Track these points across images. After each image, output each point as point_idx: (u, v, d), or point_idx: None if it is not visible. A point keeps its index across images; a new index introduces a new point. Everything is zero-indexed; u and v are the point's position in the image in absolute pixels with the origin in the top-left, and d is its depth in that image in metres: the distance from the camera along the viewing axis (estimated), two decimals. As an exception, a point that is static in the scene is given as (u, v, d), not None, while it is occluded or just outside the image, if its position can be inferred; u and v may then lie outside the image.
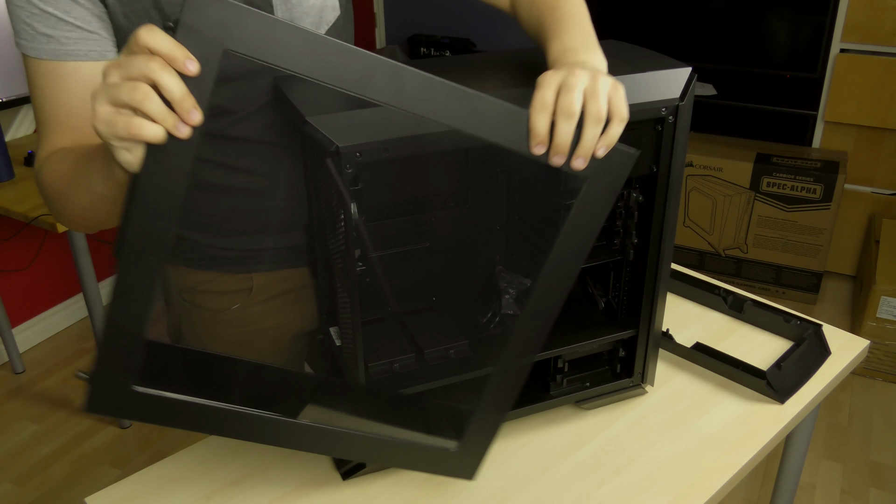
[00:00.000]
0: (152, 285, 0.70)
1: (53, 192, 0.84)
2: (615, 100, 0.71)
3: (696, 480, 0.96)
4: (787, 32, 2.79)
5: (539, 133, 0.70)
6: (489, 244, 1.09)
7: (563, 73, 0.72)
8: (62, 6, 0.80)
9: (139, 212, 0.65)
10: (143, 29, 0.59)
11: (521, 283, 1.05)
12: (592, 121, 0.70)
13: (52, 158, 0.84)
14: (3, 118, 2.32)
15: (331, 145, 0.75)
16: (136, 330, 0.71)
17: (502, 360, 0.81)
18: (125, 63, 0.60)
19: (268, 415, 0.80)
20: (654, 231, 0.95)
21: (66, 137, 0.84)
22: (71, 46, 0.82)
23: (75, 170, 0.80)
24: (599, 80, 0.71)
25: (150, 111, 0.60)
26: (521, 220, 1.06)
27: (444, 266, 1.08)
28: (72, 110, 0.84)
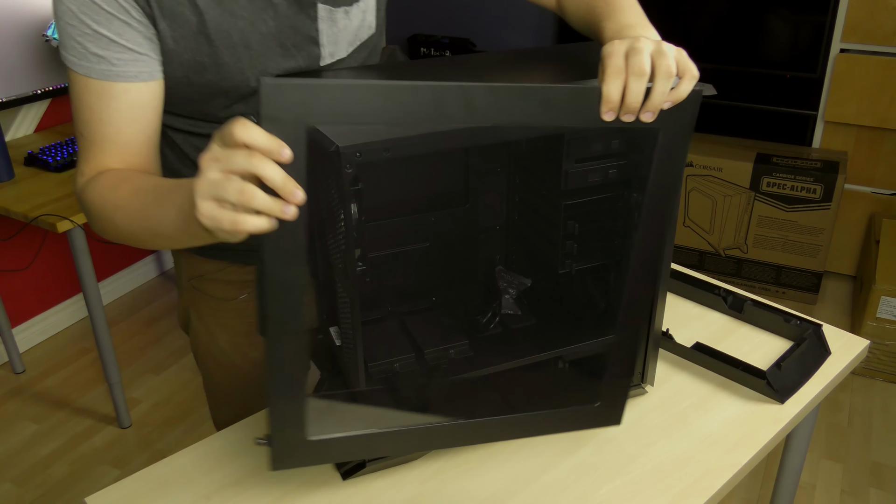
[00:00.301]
0: (303, 351, 0.74)
1: (99, 213, 0.85)
2: (681, 59, 0.73)
3: (696, 480, 0.96)
4: (787, 32, 2.79)
5: (613, 99, 0.71)
6: (489, 243, 1.09)
7: (628, 41, 0.73)
8: (115, 28, 0.81)
9: (272, 290, 0.69)
10: (238, 126, 0.61)
11: (522, 283, 1.05)
12: (663, 76, 0.71)
13: (100, 182, 0.85)
14: (3, 118, 2.32)
15: (331, 145, 0.75)
16: (297, 393, 0.76)
17: (620, 323, 0.84)
18: (224, 158, 0.62)
19: (426, 424, 0.85)
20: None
21: (113, 156, 0.85)
22: (122, 68, 0.82)
23: (133, 204, 0.80)
24: (664, 44, 0.73)
25: (257, 207, 0.62)
26: (521, 219, 1.06)
27: (444, 266, 1.08)
28: (120, 130, 0.85)
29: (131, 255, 2.98)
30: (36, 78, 2.21)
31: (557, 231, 1.00)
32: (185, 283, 1.13)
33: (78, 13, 0.79)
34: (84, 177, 0.87)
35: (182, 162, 1.00)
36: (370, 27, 0.99)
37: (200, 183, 0.64)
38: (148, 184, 0.81)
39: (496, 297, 1.05)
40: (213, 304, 1.11)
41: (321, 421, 0.80)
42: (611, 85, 0.70)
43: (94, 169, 0.86)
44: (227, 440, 1.03)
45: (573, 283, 1.06)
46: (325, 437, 0.80)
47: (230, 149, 0.62)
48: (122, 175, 0.84)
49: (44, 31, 2.21)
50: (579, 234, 1.00)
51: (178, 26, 0.83)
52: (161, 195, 0.77)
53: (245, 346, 1.13)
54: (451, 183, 1.04)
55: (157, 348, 2.65)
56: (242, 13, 0.85)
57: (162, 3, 0.81)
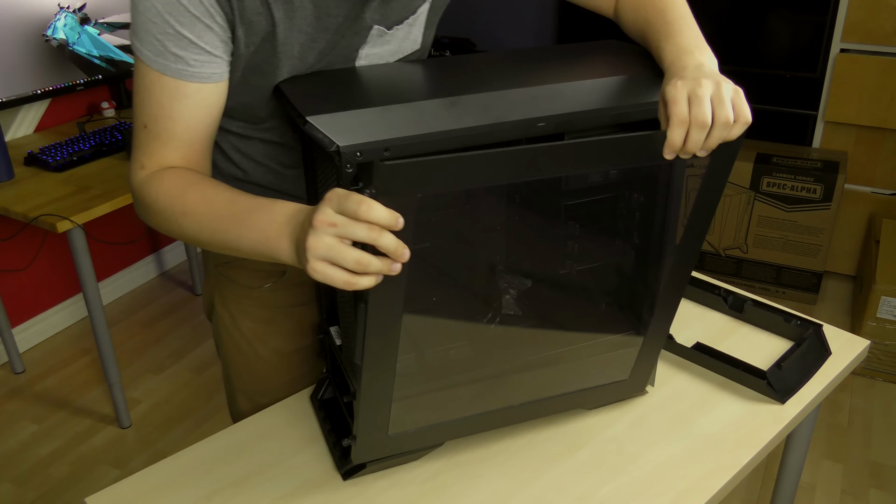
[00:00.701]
0: (391, 374, 0.84)
1: (162, 214, 0.87)
2: (738, 103, 0.79)
3: (696, 480, 0.96)
4: (787, 32, 2.79)
5: (676, 146, 0.79)
6: (489, 243, 1.09)
7: (689, 83, 0.79)
8: (197, 31, 0.82)
9: (373, 329, 0.77)
10: (364, 205, 0.68)
11: (522, 283, 1.05)
12: (721, 126, 0.78)
13: (165, 182, 0.87)
14: (3, 118, 2.32)
15: (331, 145, 0.75)
16: (384, 407, 0.87)
17: (652, 325, 0.96)
18: (342, 226, 0.69)
19: (485, 411, 0.96)
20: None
21: (176, 151, 0.88)
22: (197, 69, 0.84)
23: (204, 214, 0.84)
24: (723, 87, 0.78)
25: (372, 272, 0.70)
26: (521, 219, 1.06)
27: (444, 266, 1.08)
28: (188, 127, 0.87)
29: (131, 255, 2.98)
30: (36, 78, 2.21)
31: (557, 231, 1.00)
32: (211, 269, 1.14)
33: (163, 12, 0.81)
34: (145, 170, 0.89)
35: (215, 154, 1.03)
36: (415, 42, 1.00)
37: (316, 245, 0.70)
38: (220, 196, 0.84)
39: (496, 297, 1.05)
40: (238, 291, 1.12)
41: (398, 419, 0.90)
42: (675, 133, 0.78)
43: (157, 163, 0.88)
44: (227, 440, 1.03)
45: (573, 283, 1.06)
46: (401, 432, 0.92)
47: (350, 220, 0.68)
48: (187, 178, 0.87)
49: (44, 31, 2.21)
50: (579, 234, 1.00)
51: (252, 34, 0.85)
52: (240, 215, 0.81)
53: (266, 335, 1.14)
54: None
55: (157, 348, 2.65)
56: (307, 29, 0.88)
57: (243, 11, 0.83)
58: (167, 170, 0.88)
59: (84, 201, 1.92)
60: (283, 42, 0.87)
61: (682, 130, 0.78)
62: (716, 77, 0.80)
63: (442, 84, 0.93)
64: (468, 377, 0.96)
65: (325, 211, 0.70)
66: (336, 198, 0.69)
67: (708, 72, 0.81)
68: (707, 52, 0.87)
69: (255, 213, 0.80)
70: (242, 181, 1.04)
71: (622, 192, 0.96)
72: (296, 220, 0.76)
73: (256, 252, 0.80)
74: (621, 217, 0.98)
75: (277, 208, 0.79)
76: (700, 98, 0.77)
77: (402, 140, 0.78)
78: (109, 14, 2.38)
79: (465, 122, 0.80)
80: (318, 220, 0.70)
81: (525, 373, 1.00)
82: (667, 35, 0.90)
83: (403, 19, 0.95)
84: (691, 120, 0.77)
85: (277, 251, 0.78)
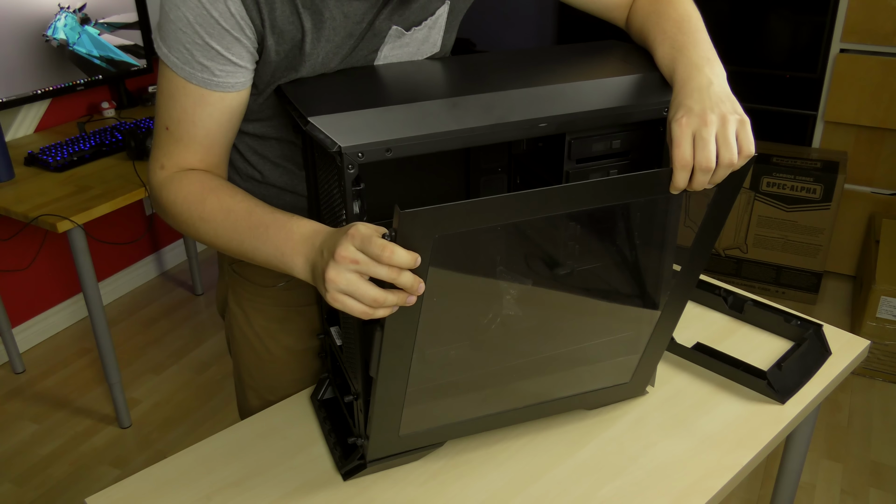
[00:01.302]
0: (403, 384, 0.87)
1: (180, 217, 0.90)
2: (742, 137, 0.81)
3: (696, 481, 0.96)
4: (787, 32, 2.79)
5: (680, 188, 0.81)
6: (490, 243, 1.09)
7: (694, 122, 0.80)
8: (226, 43, 0.84)
9: (389, 349, 0.81)
10: (387, 250, 0.71)
11: (524, 284, 1.05)
12: (724, 167, 0.80)
13: (184, 187, 0.89)
14: (3, 118, 2.32)
15: (333, 145, 0.75)
16: (396, 412, 0.90)
17: (655, 330, 0.98)
18: (364, 265, 0.72)
19: (485, 413, 0.99)
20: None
21: (197, 154, 0.91)
22: (223, 79, 0.86)
23: (222, 223, 0.86)
24: (729, 123, 0.80)
25: (389, 306, 0.74)
26: (526, 224, 1.06)
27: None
28: (209, 132, 0.90)
29: (131, 255, 2.98)
30: (36, 78, 2.21)
31: (557, 231, 1.00)
32: (226, 267, 1.16)
33: (193, 23, 0.82)
34: (165, 171, 0.91)
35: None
36: (434, 45, 1.01)
37: (337, 279, 0.73)
38: (238, 206, 0.86)
39: (496, 297, 1.05)
40: (252, 289, 1.13)
41: (409, 421, 0.92)
42: (678, 177, 0.80)
43: (176, 165, 0.90)
44: (227, 440, 1.03)
45: (576, 286, 1.06)
46: (412, 432, 0.94)
47: (373, 260, 0.72)
48: (206, 184, 0.89)
49: (44, 32, 2.21)
50: (579, 234, 1.00)
51: (283, 42, 0.87)
52: (257, 228, 0.84)
53: (279, 333, 1.15)
54: (453, 183, 1.04)
55: (157, 348, 2.65)
56: (335, 39, 0.89)
57: (274, 21, 0.85)
58: (186, 173, 0.90)
59: (84, 201, 1.92)
60: (312, 51, 0.89)
61: (685, 174, 0.80)
62: (722, 108, 0.81)
63: (443, 84, 0.93)
64: (475, 378, 0.97)
65: (348, 248, 0.73)
66: (360, 237, 0.72)
67: (715, 98, 0.82)
68: (717, 67, 0.88)
69: (272, 227, 0.82)
70: (260, 182, 1.05)
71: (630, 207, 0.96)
72: (312, 243, 0.79)
73: (271, 265, 0.84)
74: (627, 226, 0.99)
75: (294, 226, 0.82)
76: (705, 141, 0.79)
77: (404, 140, 0.78)
78: (109, 14, 2.38)
79: (466, 123, 0.80)
80: (341, 256, 0.73)
81: (528, 375, 1.00)
82: (680, 47, 0.91)
83: (422, 20, 0.96)
84: (695, 164, 0.79)
85: (292, 268, 0.81)
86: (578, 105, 0.85)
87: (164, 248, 3.12)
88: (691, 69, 0.87)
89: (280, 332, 1.15)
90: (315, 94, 0.85)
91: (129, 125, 2.33)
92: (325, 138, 0.75)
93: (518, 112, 0.82)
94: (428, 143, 0.79)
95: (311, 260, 0.79)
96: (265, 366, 1.17)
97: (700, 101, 0.82)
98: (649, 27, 0.98)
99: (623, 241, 0.98)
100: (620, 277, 1.00)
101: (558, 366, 1.00)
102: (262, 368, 1.17)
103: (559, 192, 0.76)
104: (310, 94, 0.85)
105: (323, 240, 0.78)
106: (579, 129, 0.88)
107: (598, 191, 0.79)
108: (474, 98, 0.82)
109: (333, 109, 0.78)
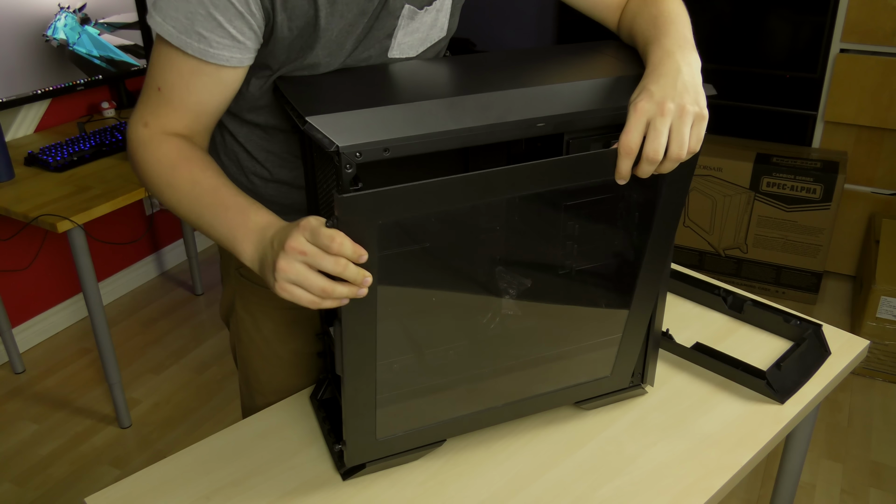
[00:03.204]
0: (372, 380, 0.87)
1: (149, 177, 0.91)
2: (693, 134, 0.81)
3: (696, 480, 0.96)
4: (787, 32, 2.79)
5: (623, 175, 0.82)
6: (489, 244, 1.09)
7: (652, 109, 0.80)
8: (229, 16, 0.84)
9: (351, 343, 0.82)
10: (336, 241, 0.73)
11: (522, 283, 1.05)
12: (671, 160, 0.81)
13: (160, 150, 0.90)
14: (3, 118, 2.32)
15: (331, 145, 0.75)
16: (368, 412, 0.90)
17: (628, 323, 0.99)
18: (312, 256, 0.74)
19: (475, 411, 0.98)
20: (655, 231, 0.95)
21: (183, 120, 0.91)
22: (219, 51, 0.86)
23: (186, 193, 0.88)
24: (685, 116, 0.80)
25: (335, 297, 0.76)
26: (521, 219, 1.06)
27: (444, 266, 1.08)
28: (200, 101, 0.90)
29: (131, 255, 2.98)
30: (36, 78, 2.21)
31: (557, 231, 1.00)
32: (232, 272, 1.16)
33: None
34: (147, 128, 0.91)
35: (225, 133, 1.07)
36: (441, 29, 1.02)
37: (286, 269, 0.75)
38: (205, 181, 0.87)
39: (495, 298, 1.04)
40: (260, 292, 1.13)
41: (387, 422, 0.93)
42: (623, 163, 0.81)
43: (161, 126, 0.91)
44: (227, 440, 1.03)
45: (573, 283, 1.06)
46: (390, 436, 0.94)
47: (321, 252, 0.74)
48: (182, 152, 0.89)
49: (44, 32, 2.21)
50: (579, 234, 1.00)
51: (296, 18, 0.87)
52: (217, 207, 0.86)
53: (287, 336, 1.15)
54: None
55: (157, 348, 2.65)
56: (348, 16, 0.90)
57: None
58: (167, 137, 0.90)
59: (84, 201, 1.92)
60: (326, 27, 0.89)
61: (629, 161, 0.81)
62: (683, 99, 0.80)
63: (441, 84, 0.93)
64: (449, 377, 0.97)
65: (298, 239, 0.75)
66: (310, 228, 0.74)
67: (680, 87, 0.81)
68: (690, 56, 0.87)
69: (232, 210, 0.85)
70: (269, 180, 1.05)
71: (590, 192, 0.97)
72: (264, 234, 0.81)
73: (223, 244, 0.86)
74: (591, 215, 1.00)
75: (252, 215, 0.84)
76: (658, 132, 0.79)
77: (402, 140, 0.78)
78: (109, 14, 2.38)
79: (464, 123, 0.80)
80: (290, 247, 0.75)
81: (505, 370, 1.00)
82: (655, 37, 0.91)
83: (431, 0, 0.97)
84: (642, 153, 0.80)
85: (241, 254, 0.84)
86: (576, 105, 0.85)
87: (164, 248, 3.12)
88: (663, 55, 0.87)
89: (288, 336, 1.15)
90: (313, 94, 0.85)
91: (129, 125, 2.33)
92: (322, 138, 0.76)
93: (516, 112, 0.82)
94: (426, 143, 0.79)
95: (259, 250, 0.81)
96: (273, 370, 1.17)
97: (663, 88, 0.81)
98: (636, 27, 0.99)
99: (585, 229, 0.98)
100: (585, 265, 1.00)
101: (533, 358, 1.00)
102: (270, 373, 1.17)
103: (503, 173, 0.77)
104: (308, 94, 0.85)
105: (275, 232, 0.80)
106: (577, 129, 0.88)
107: (545, 171, 0.80)
108: (473, 98, 0.82)
109: (331, 109, 0.78)
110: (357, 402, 0.88)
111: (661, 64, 0.85)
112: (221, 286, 1.21)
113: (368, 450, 0.94)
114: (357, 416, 0.89)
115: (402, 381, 0.93)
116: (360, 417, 0.90)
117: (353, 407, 0.88)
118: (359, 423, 0.90)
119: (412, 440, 0.97)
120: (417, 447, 0.98)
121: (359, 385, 0.86)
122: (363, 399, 0.88)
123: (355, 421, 0.90)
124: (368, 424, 0.91)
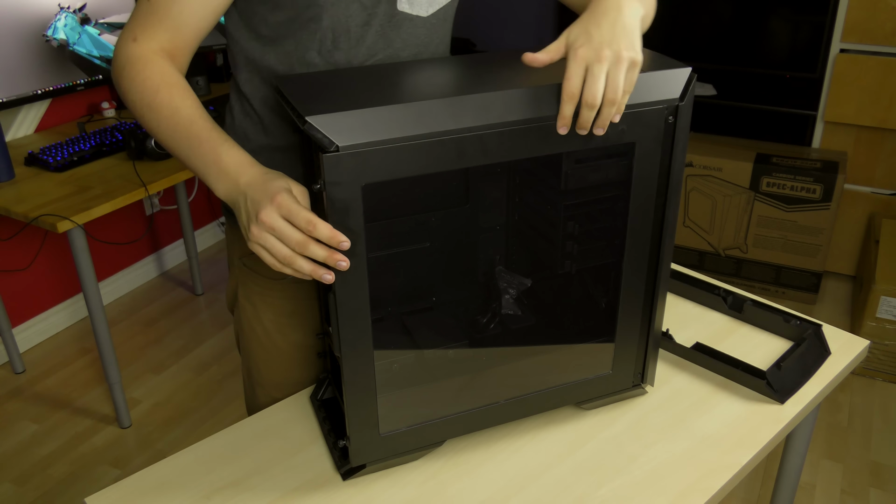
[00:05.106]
0: (372, 364, 0.88)
1: (130, 97, 0.92)
2: (627, 79, 0.81)
3: (696, 480, 0.96)
4: (786, 32, 2.79)
5: (566, 120, 0.82)
6: (489, 244, 1.09)
7: (589, 55, 0.80)
8: None
9: (345, 319, 0.84)
10: (310, 226, 0.77)
11: (522, 283, 1.05)
12: (608, 104, 0.81)
13: (145, 70, 0.91)
14: (3, 118, 2.32)
15: (331, 145, 0.75)
16: (370, 399, 0.90)
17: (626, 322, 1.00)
18: (282, 233, 0.78)
19: (476, 408, 0.99)
20: (655, 231, 0.95)
21: (169, 31, 0.92)
22: None
23: (166, 118, 0.89)
24: (621, 62, 0.80)
25: (298, 269, 0.79)
26: (521, 219, 1.06)
27: (444, 266, 1.08)
28: (183, 11, 0.92)
29: (131, 255, 2.98)
30: (36, 78, 2.21)
31: (557, 231, 1.00)
32: (236, 261, 1.16)
33: None
34: (136, 43, 0.92)
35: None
36: None
37: (258, 236, 0.79)
38: (185, 111, 0.89)
39: (496, 297, 1.05)
40: (262, 282, 1.13)
41: (389, 417, 0.94)
42: (564, 108, 0.82)
43: (148, 38, 0.92)
44: (227, 440, 1.03)
45: (573, 283, 1.06)
46: (394, 432, 0.94)
47: (291, 228, 0.78)
48: (166, 78, 0.91)
49: (44, 32, 2.21)
50: (579, 234, 1.00)
51: None
52: (192, 140, 0.88)
53: (288, 327, 1.15)
54: (452, 183, 1.04)
55: (157, 348, 2.65)
56: None
57: None
58: (153, 58, 0.92)
59: (84, 201, 1.92)
60: None
61: (571, 105, 0.81)
62: (619, 44, 0.80)
63: (441, 84, 0.93)
64: (451, 373, 0.97)
65: (272, 215, 0.78)
66: (287, 209, 0.78)
67: (619, 31, 0.81)
68: (633, 1, 0.86)
69: (206, 144, 0.87)
70: (265, 147, 1.05)
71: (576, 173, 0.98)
72: (235, 180, 0.85)
73: (198, 175, 0.89)
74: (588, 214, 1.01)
75: (223, 152, 0.86)
76: (595, 77, 0.79)
77: (402, 140, 0.78)
78: (109, 14, 2.38)
79: (464, 122, 0.80)
80: (262, 220, 0.79)
81: (508, 368, 1.01)
82: None
83: None
84: (582, 97, 0.80)
85: (214, 190, 0.87)
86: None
87: (165, 248, 3.12)
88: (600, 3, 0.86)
89: (288, 327, 1.15)
90: (312, 93, 0.85)
91: (129, 125, 2.33)
92: (322, 137, 0.76)
93: (516, 112, 0.82)
94: (426, 143, 0.79)
95: (231, 195, 0.85)
96: (273, 361, 1.17)
97: (600, 31, 0.81)
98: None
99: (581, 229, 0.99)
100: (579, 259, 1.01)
101: (534, 354, 1.01)
102: (269, 364, 1.18)
103: (475, 139, 0.81)
104: (307, 93, 0.85)
105: (247, 183, 0.83)
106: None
107: (512, 137, 0.83)
108: (472, 98, 0.82)
109: (331, 108, 0.78)
110: (357, 387, 0.89)
111: (602, 1, 0.85)
112: (227, 278, 1.22)
113: (371, 446, 0.94)
114: (358, 404, 0.90)
115: (402, 370, 0.93)
116: (361, 406, 0.90)
117: (354, 393, 0.89)
118: (361, 413, 0.90)
119: (414, 437, 0.97)
120: (419, 447, 0.98)
121: (357, 367, 0.87)
122: (363, 383, 0.89)
123: (357, 410, 0.90)
124: (370, 415, 0.91)
